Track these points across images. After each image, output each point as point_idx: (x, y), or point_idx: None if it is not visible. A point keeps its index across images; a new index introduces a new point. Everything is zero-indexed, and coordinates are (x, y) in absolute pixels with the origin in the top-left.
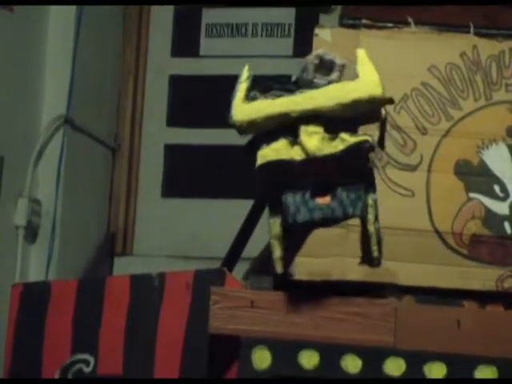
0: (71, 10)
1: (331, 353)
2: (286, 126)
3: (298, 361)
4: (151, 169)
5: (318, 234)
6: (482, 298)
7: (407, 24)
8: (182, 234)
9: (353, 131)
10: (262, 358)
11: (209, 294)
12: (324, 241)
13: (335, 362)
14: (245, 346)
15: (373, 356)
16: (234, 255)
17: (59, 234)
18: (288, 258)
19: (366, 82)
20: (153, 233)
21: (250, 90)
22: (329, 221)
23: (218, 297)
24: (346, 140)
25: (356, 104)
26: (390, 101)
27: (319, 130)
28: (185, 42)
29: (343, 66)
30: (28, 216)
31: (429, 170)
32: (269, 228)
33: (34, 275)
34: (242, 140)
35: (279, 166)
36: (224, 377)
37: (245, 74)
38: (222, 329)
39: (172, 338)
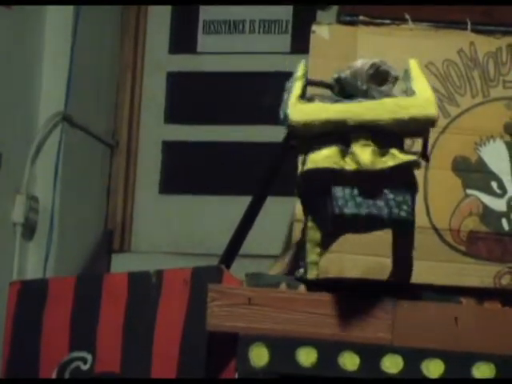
0: (69, 7)
1: (329, 350)
2: (338, 134)
3: (296, 358)
4: (149, 165)
5: None
6: (480, 294)
7: (405, 21)
8: (180, 230)
9: (400, 146)
10: (259, 356)
11: (206, 291)
12: None
13: (333, 360)
14: (242, 344)
15: (370, 353)
16: (231, 252)
17: (57, 231)
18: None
19: (422, 101)
20: (151, 230)
21: (305, 88)
22: (373, 221)
23: (216, 294)
24: (396, 156)
25: (412, 121)
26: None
27: (371, 142)
28: (182, 39)
29: (396, 78)
30: (26, 213)
31: (426, 167)
32: (306, 232)
33: (32, 272)
34: (240, 137)
35: (328, 174)
36: (222, 374)
37: (300, 71)
38: (219, 326)
39: (170, 335)
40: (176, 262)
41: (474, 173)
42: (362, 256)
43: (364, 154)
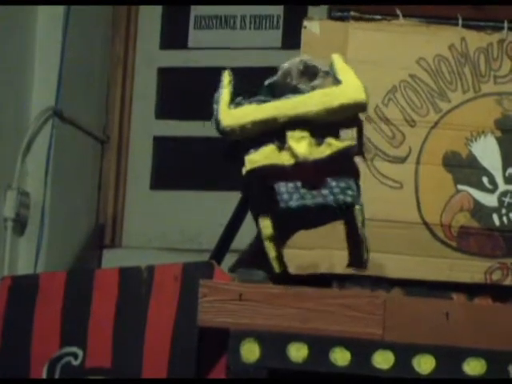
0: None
1: (320, 345)
2: (273, 131)
3: (287, 353)
4: (140, 161)
5: None
6: (471, 290)
7: (395, 16)
8: (171, 226)
9: (336, 136)
10: (250, 351)
11: (197, 286)
12: (311, 232)
13: (324, 355)
14: (233, 339)
15: (361, 348)
16: (222, 248)
17: (48, 226)
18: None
19: (349, 88)
20: (141, 225)
21: (233, 94)
22: (322, 211)
23: (207, 289)
24: (332, 145)
25: (342, 109)
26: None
27: (306, 134)
28: (173, 34)
29: (326, 73)
30: (17, 208)
31: (417, 162)
32: (260, 230)
33: (23, 267)
34: None
35: (268, 171)
36: (212, 369)
37: (226, 79)
38: (210, 322)
39: (160, 331)
40: (167, 258)
41: (465, 168)
42: None
43: (300, 147)
